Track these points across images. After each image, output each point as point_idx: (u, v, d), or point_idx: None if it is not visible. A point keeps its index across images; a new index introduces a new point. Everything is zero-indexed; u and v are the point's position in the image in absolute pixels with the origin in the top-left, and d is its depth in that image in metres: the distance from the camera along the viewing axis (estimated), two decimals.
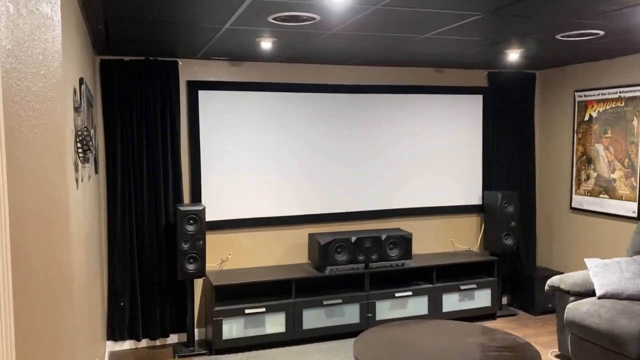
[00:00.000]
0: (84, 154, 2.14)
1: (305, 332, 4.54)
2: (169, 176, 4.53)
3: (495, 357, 3.08)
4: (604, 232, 4.98)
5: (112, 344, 4.52)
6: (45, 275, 1.65)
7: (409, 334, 3.42)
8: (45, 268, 1.66)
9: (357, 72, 5.09)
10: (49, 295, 1.67)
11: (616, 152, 4.84)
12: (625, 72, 4.73)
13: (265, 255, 4.91)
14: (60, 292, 1.68)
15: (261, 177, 4.85)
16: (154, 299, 4.53)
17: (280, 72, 4.86)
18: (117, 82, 4.37)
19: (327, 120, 5.01)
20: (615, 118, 4.83)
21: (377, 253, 4.75)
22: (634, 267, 4.07)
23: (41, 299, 1.65)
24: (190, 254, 4.31)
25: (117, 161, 4.39)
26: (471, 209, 5.52)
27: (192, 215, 4.31)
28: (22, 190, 1.08)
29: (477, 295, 5.07)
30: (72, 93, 2.13)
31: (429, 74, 5.32)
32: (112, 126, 4.39)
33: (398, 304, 4.81)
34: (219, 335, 4.33)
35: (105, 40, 3.77)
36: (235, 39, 3.71)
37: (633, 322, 3.59)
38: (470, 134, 5.49)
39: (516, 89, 5.53)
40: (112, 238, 4.42)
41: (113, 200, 4.40)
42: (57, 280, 1.67)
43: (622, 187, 4.77)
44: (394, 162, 5.24)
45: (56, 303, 1.67)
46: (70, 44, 2.20)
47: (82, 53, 2.84)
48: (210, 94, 4.66)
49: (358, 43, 3.92)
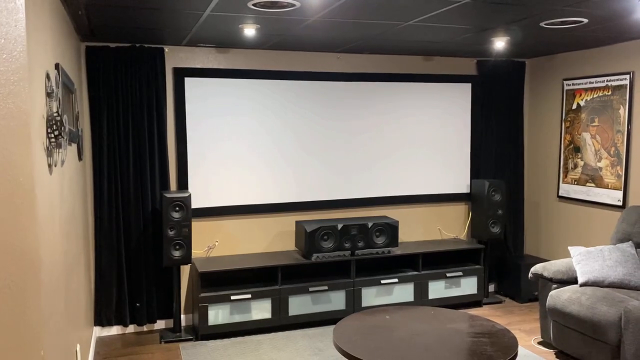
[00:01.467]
0: (55, 139, 2.14)
1: (291, 318, 4.58)
2: (155, 163, 4.54)
3: (473, 342, 3.10)
4: (591, 220, 5.00)
5: (99, 329, 4.56)
6: (9, 258, 1.67)
7: (389, 319, 3.44)
8: (10, 252, 1.67)
9: (346, 60, 5.08)
10: (12, 278, 1.68)
11: (603, 141, 4.84)
12: (612, 61, 4.73)
13: (253, 243, 4.94)
14: (26, 276, 1.70)
15: (248, 165, 4.86)
16: (141, 285, 4.56)
17: (268, 59, 4.85)
18: (103, 68, 4.36)
19: (315, 108, 5.01)
20: (602, 107, 4.83)
21: (363, 240, 4.77)
22: (617, 255, 4.09)
23: (5, 282, 1.67)
24: (176, 240, 4.33)
25: (103, 148, 4.40)
26: (459, 197, 5.54)
27: (178, 202, 4.32)
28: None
29: (463, 282, 5.10)
30: (43, 78, 2.13)
31: (418, 62, 5.31)
32: (98, 113, 4.39)
33: (384, 291, 4.85)
34: (204, 321, 4.36)
35: (88, 26, 3.76)
36: (218, 25, 3.71)
37: (613, 309, 3.62)
38: (458, 122, 5.49)
39: (505, 77, 5.52)
40: (99, 224, 4.44)
41: (99, 186, 4.41)
42: (22, 263, 1.68)
43: (608, 175, 4.78)
44: (383, 150, 5.25)
45: (20, 286, 1.68)
46: (42, 28, 2.20)
47: (59, 38, 2.83)
48: (196, 81, 4.65)
49: (342, 30, 3.91)
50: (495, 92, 5.52)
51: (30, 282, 1.73)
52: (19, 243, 1.69)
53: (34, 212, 1.74)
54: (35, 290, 1.78)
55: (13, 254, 1.68)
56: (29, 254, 1.72)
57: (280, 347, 4.26)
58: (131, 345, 4.37)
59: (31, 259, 1.73)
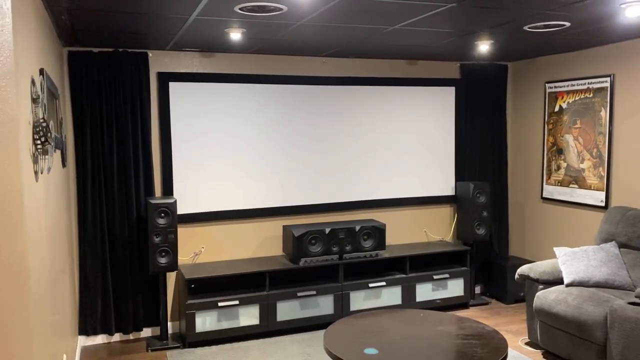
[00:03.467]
0: (42, 145, 2.10)
1: (280, 323, 4.55)
2: (139, 169, 4.49)
3: (463, 344, 3.12)
4: (574, 221, 5.07)
5: (84, 338, 4.48)
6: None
7: (379, 323, 3.44)
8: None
9: (331, 64, 5.08)
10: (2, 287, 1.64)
11: (585, 143, 4.91)
12: (594, 64, 4.80)
13: (240, 248, 4.90)
14: (15, 285, 1.66)
15: (234, 169, 4.83)
16: (127, 292, 4.49)
17: (253, 63, 4.83)
18: (86, 74, 4.30)
19: (300, 113, 5.00)
20: (584, 109, 4.90)
21: (351, 244, 4.77)
22: (601, 255, 4.15)
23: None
24: (161, 247, 4.28)
25: (86, 154, 4.33)
26: (444, 199, 5.57)
27: (164, 208, 4.28)
28: None
29: (450, 284, 5.12)
30: (29, 83, 2.09)
31: (402, 66, 5.34)
32: (81, 118, 4.32)
33: (372, 295, 4.85)
34: (192, 329, 4.31)
35: (71, 31, 3.70)
36: (204, 29, 3.68)
37: (598, 308, 3.66)
38: (443, 125, 5.53)
39: (488, 80, 5.58)
40: (83, 232, 4.37)
41: (83, 193, 4.35)
42: (11, 273, 1.64)
43: (590, 177, 4.85)
44: (368, 153, 5.26)
45: (10, 296, 1.64)
46: (27, 33, 2.16)
47: (43, 43, 2.78)
48: (181, 86, 4.62)
49: (328, 34, 3.91)
50: (479, 95, 5.57)
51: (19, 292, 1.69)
52: (7, 253, 1.65)
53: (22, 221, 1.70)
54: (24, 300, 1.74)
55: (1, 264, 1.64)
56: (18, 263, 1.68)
57: (269, 353, 4.23)
58: (117, 354, 4.30)
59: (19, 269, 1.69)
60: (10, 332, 1.65)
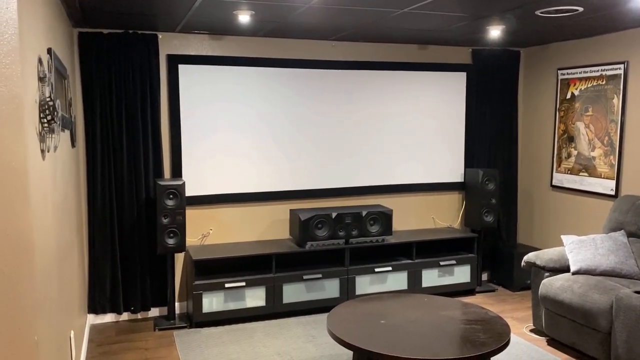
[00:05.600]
0: (48, 124, 2.13)
1: (285, 305, 4.60)
2: (149, 150, 4.52)
3: (465, 329, 3.13)
4: (583, 209, 5.03)
5: (93, 317, 4.56)
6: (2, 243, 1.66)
7: (382, 306, 3.46)
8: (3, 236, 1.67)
9: (341, 48, 5.06)
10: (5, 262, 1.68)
11: (596, 130, 4.86)
12: (607, 50, 4.73)
13: (247, 231, 4.94)
14: (20, 260, 1.69)
15: (242, 153, 4.84)
16: (135, 272, 4.55)
17: (262, 46, 4.82)
18: (96, 55, 4.32)
19: (309, 96, 4.99)
20: (596, 96, 4.84)
21: (357, 229, 4.78)
22: (609, 244, 4.12)
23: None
24: (170, 228, 4.32)
25: (96, 134, 4.37)
26: (453, 186, 5.56)
27: (172, 190, 4.31)
28: None
29: (456, 271, 5.13)
30: (35, 62, 2.11)
31: (413, 51, 5.30)
32: (91, 99, 4.36)
33: (378, 279, 4.87)
34: (199, 309, 4.37)
35: (81, 12, 3.72)
36: (213, 10, 3.68)
37: (604, 296, 3.65)
38: (453, 111, 5.49)
39: (500, 66, 5.52)
40: (92, 212, 4.42)
41: (92, 173, 4.40)
42: (15, 248, 1.68)
43: (601, 165, 4.81)
44: (377, 138, 5.25)
45: (15, 270, 1.68)
46: (34, 12, 2.18)
47: (52, 23, 2.80)
48: (190, 68, 4.63)
49: (337, 17, 3.89)
50: (490, 81, 5.52)
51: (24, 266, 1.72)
52: (13, 228, 1.69)
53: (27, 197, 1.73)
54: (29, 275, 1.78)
55: (6, 239, 1.67)
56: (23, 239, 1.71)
57: (274, 334, 4.28)
58: (125, 332, 4.38)
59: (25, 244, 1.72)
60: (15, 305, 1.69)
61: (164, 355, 3.94)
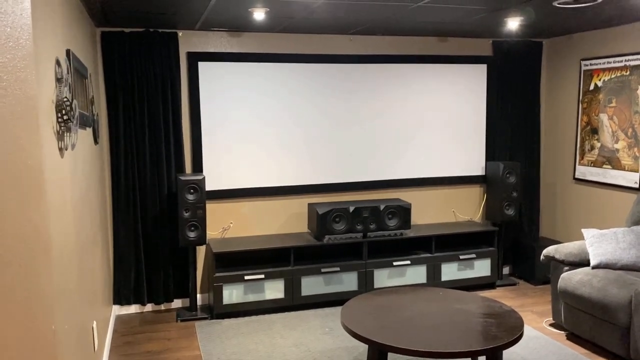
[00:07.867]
0: (65, 123, 2.22)
1: (304, 298, 4.66)
2: (170, 146, 4.63)
3: (479, 322, 3.13)
4: (606, 202, 4.95)
5: (118, 308, 4.70)
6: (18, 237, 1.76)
7: (397, 300, 3.49)
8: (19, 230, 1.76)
9: (359, 42, 5.07)
10: (23, 256, 1.77)
11: (620, 122, 4.76)
12: (631, 40, 4.62)
13: (266, 224, 5.01)
14: (36, 254, 1.78)
15: (261, 148, 4.91)
16: (158, 265, 4.68)
17: (280, 42, 4.87)
18: (118, 53, 4.44)
19: (327, 91, 5.02)
20: (620, 87, 4.74)
21: (375, 223, 4.80)
22: (631, 238, 4.05)
23: (15, 259, 1.76)
24: (191, 222, 4.43)
25: (119, 132, 4.50)
26: (474, 179, 5.52)
27: (193, 185, 4.41)
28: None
29: (476, 264, 5.11)
30: (52, 64, 2.20)
31: (433, 43, 5.27)
32: (114, 97, 4.48)
33: (396, 273, 4.89)
34: (219, 301, 4.47)
35: (101, 12, 3.82)
36: (229, 8, 3.74)
37: (623, 291, 3.60)
38: (474, 103, 5.45)
39: (522, 58, 5.45)
40: (116, 206, 4.56)
41: (116, 169, 4.53)
42: (31, 242, 1.77)
43: (625, 157, 4.71)
44: (396, 132, 5.25)
45: (31, 264, 1.77)
46: (51, 15, 2.27)
47: (70, 24, 2.90)
48: (210, 65, 4.71)
49: (353, 11, 3.90)
50: (512, 73, 5.45)
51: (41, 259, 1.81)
52: (28, 223, 1.78)
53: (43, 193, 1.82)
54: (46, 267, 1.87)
55: (23, 234, 1.77)
56: (39, 234, 1.80)
57: (292, 326, 4.35)
58: (148, 323, 4.51)
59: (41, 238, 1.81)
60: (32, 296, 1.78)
61: (185, 346, 4.05)
